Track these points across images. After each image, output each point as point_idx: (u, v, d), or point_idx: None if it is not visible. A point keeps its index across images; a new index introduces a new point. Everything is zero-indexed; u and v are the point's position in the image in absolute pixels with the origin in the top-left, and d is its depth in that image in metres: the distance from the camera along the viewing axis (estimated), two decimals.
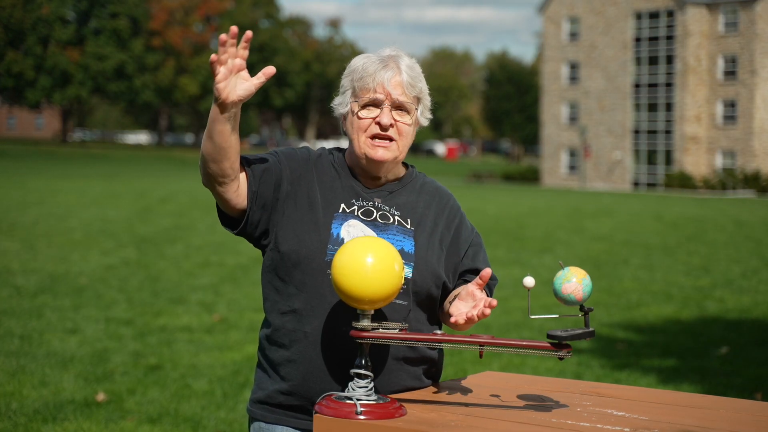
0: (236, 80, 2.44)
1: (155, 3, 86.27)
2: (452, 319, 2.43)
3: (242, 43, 2.42)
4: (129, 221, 20.22)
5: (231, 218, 2.67)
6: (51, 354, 7.74)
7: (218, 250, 15.55)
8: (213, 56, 2.38)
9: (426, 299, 2.62)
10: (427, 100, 2.69)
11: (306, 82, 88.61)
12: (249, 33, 2.43)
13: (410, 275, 2.57)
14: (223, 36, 2.38)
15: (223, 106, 2.44)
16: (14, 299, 10.31)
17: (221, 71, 2.40)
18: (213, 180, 2.56)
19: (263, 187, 2.61)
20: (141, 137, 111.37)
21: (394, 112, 2.61)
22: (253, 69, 2.44)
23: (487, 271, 2.44)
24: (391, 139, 2.61)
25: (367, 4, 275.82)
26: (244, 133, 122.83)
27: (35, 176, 38.68)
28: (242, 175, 2.60)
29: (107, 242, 16.18)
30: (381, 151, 2.60)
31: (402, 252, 2.58)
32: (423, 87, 2.66)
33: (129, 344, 8.27)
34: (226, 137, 2.47)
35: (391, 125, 2.60)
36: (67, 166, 53.41)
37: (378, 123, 2.60)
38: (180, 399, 6.58)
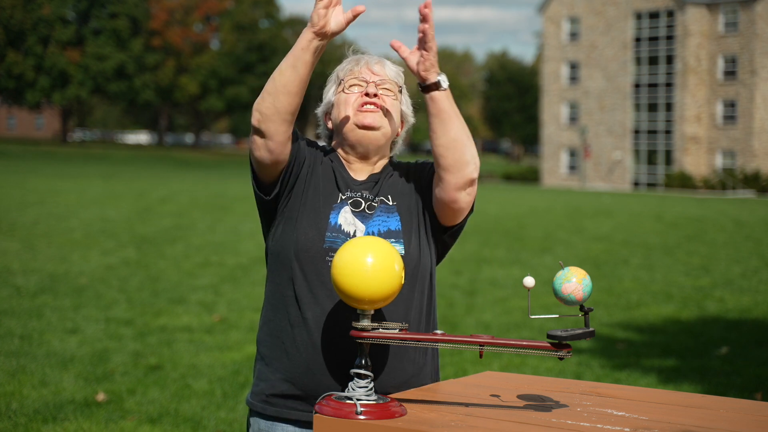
0: (333, 12, 2.49)
1: (155, 3, 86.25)
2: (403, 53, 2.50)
3: None
4: (129, 221, 20.22)
5: (262, 185, 2.69)
6: (51, 354, 7.74)
7: (218, 250, 15.55)
8: None
9: (421, 269, 2.66)
10: (408, 101, 2.79)
11: None
12: None
13: (402, 252, 2.61)
14: None
15: (321, 35, 2.48)
16: (14, 299, 10.30)
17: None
18: (278, 116, 2.54)
19: (300, 153, 2.68)
20: (141, 137, 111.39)
21: (379, 89, 2.69)
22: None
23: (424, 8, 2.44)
24: (377, 106, 2.67)
25: (367, 4, 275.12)
26: (244, 133, 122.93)
27: (35, 176, 38.69)
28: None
29: (107, 242, 16.18)
30: (370, 116, 2.66)
31: (389, 231, 2.63)
32: (404, 88, 2.77)
33: (129, 344, 8.27)
34: (309, 69, 2.52)
35: (377, 95, 2.67)
36: (67, 166, 53.42)
37: (365, 93, 2.67)
38: (180, 399, 6.58)
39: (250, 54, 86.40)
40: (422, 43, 2.47)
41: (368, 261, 2.29)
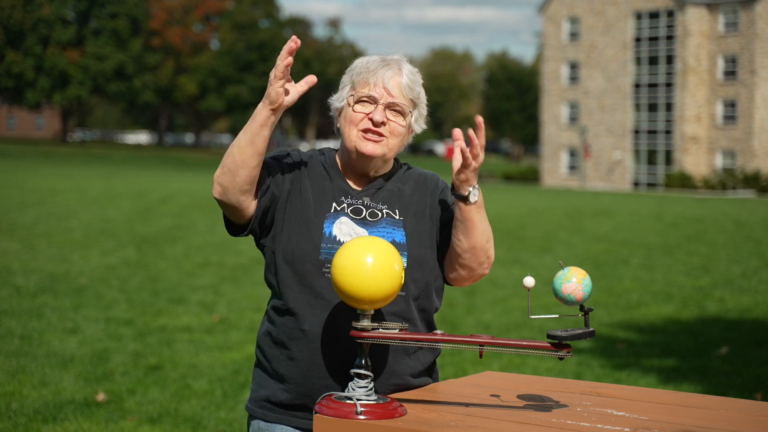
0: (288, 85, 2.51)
1: (155, 3, 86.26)
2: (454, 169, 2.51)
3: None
4: (129, 221, 20.22)
5: (238, 225, 2.68)
6: (51, 354, 7.74)
7: (218, 250, 15.55)
8: (287, 60, 2.44)
9: (423, 285, 2.65)
10: (423, 108, 2.71)
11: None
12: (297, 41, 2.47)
13: (405, 265, 2.58)
14: (292, 44, 2.42)
15: (278, 110, 2.50)
16: (14, 299, 10.30)
17: (282, 76, 2.46)
18: (238, 189, 2.56)
19: (273, 183, 2.65)
20: (141, 137, 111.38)
21: (388, 112, 2.63)
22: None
23: (478, 119, 2.48)
24: (381, 135, 2.63)
25: (368, 4, 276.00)
26: None
27: (35, 176, 38.68)
28: None
29: (107, 242, 16.18)
30: (371, 146, 2.62)
31: (393, 243, 2.61)
32: (421, 94, 2.69)
33: (129, 344, 8.27)
34: (266, 143, 2.53)
35: (383, 123, 2.62)
36: (67, 166, 53.42)
37: (371, 119, 2.62)
38: (180, 399, 6.58)
39: (249, 53, 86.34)
40: (466, 157, 2.48)
41: (368, 261, 2.30)
